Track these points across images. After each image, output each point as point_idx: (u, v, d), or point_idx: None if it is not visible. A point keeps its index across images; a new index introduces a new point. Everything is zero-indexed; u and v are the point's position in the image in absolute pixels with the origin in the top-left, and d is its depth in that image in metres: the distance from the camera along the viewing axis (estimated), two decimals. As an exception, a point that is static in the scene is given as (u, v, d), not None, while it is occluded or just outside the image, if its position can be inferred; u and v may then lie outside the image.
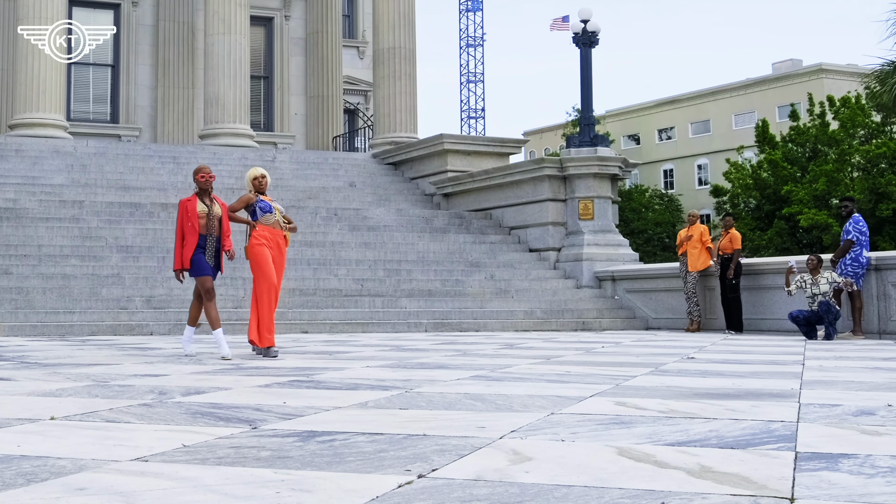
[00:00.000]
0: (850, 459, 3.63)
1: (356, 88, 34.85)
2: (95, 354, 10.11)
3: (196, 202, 9.91)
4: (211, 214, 9.87)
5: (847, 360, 9.44)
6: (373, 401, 5.65)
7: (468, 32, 66.61)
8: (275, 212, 10.14)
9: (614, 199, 21.16)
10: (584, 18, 20.75)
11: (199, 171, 10.02)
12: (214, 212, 9.92)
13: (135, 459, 3.64)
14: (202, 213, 9.84)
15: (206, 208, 9.86)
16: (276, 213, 10.13)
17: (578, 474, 3.33)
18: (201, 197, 9.95)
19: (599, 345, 12.31)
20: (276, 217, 10.12)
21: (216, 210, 9.97)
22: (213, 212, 9.90)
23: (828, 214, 39.88)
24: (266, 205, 10.12)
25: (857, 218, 14.62)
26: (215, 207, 9.97)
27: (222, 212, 10.03)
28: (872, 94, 31.08)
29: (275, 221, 10.09)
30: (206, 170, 10.06)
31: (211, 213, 9.87)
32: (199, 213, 9.82)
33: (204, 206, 9.88)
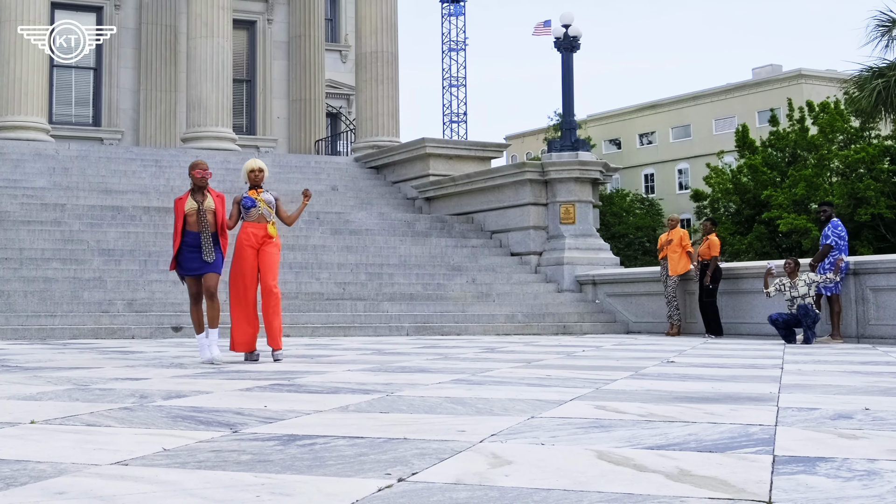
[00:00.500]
0: (827, 463, 3.66)
1: (339, 92, 34.84)
2: (76, 358, 10.07)
3: (186, 200, 9.56)
4: (202, 210, 9.46)
5: (825, 363, 9.50)
6: (354, 404, 5.66)
7: (451, 37, 66.72)
8: (259, 205, 9.85)
9: (595, 203, 21.22)
10: (565, 23, 20.81)
11: (196, 167, 9.65)
12: (207, 206, 9.52)
13: (115, 463, 3.64)
14: (191, 210, 9.46)
15: (195, 205, 9.47)
16: (261, 206, 9.84)
17: (558, 478, 3.34)
18: (193, 194, 9.58)
19: (580, 349, 12.35)
20: (261, 210, 9.84)
21: (209, 204, 9.55)
22: (205, 206, 9.49)
23: (807, 219, 40.11)
24: (248, 200, 9.85)
25: (835, 222, 14.71)
26: (208, 201, 9.56)
27: (216, 205, 9.61)
28: (851, 99, 31.28)
29: (259, 215, 9.84)
30: (203, 166, 9.68)
31: (202, 209, 9.47)
32: (188, 210, 9.46)
33: (194, 202, 9.49)
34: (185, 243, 9.42)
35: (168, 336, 15.20)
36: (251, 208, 9.85)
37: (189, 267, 9.52)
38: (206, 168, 9.65)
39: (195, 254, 9.45)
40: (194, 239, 9.43)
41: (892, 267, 14.33)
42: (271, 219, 9.96)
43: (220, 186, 22.51)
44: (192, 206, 9.46)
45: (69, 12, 29.29)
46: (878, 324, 14.31)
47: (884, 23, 25.92)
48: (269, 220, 9.91)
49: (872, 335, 14.29)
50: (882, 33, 25.92)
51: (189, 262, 9.48)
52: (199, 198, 9.52)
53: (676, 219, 18.20)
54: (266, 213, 9.87)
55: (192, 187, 9.63)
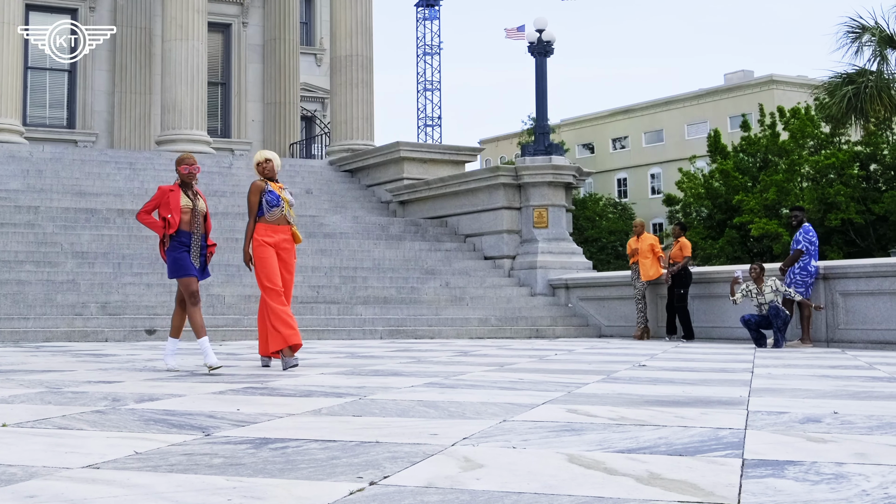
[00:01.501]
0: (795, 466, 3.69)
1: (313, 95, 34.79)
2: (49, 361, 10.01)
3: (179, 194, 8.71)
4: (196, 210, 8.69)
5: (795, 367, 9.58)
6: (326, 408, 5.66)
7: (425, 41, 66.72)
8: (282, 204, 9.01)
9: (568, 207, 21.30)
10: (539, 28, 20.89)
11: (183, 162, 8.80)
12: (199, 207, 8.75)
13: (86, 467, 3.63)
14: (186, 207, 8.65)
15: (190, 202, 8.69)
16: (284, 206, 9.02)
17: (529, 481, 3.37)
18: (184, 190, 8.76)
19: (552, 352, 12.39)
20: (284, 210, 9.01)
21: (201, 206, 8.79)
22: (197, 207, 8.72)
23: (778, 224, 40.42)
24: (274, 196, 8.98)
25: (806, 227, 14.83)
26: (200, 203, 8.79)
27: (206, 208, 8.87)
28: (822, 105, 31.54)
29: (281, 216, 9.01)
30: (190, 160, 8.84)
31: (196, 209, 8.69)
32: (183, 207, 8.64)
33: (188, 199, 8.70)
34: (180, 243, 8.64)
35: (142, 339, 15.13)
36: (275, 207, 8.99)
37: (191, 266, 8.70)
38: (193, 163, 8.85)
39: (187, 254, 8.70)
40: (187, 239, 8.67)
41: (861, 272, 14.47)
42: (293, 221, 9.16)
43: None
44: (187, 203, 8.70)
45: (43, 14, 29.12)
46: (847, 328, 14.43)
47: (854, 29, 26.14)
48: (291, 221, 9.12)
49: (842, 339, 14.42)
50: (852, 40, 26.14)
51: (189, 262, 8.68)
52: (190, 195, 8.77)
53: (642, 223, 18.41)
54: (288, 215, 9.07)
55: (180, 183, 8.84)
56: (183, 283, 8.69)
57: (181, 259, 8.62)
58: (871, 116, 27.25)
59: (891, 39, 26.07)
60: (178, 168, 8.82)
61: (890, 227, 41.21)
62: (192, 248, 8.67)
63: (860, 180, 41.81)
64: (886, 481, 3.38)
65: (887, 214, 40.54)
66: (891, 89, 25.82)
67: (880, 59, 26.06)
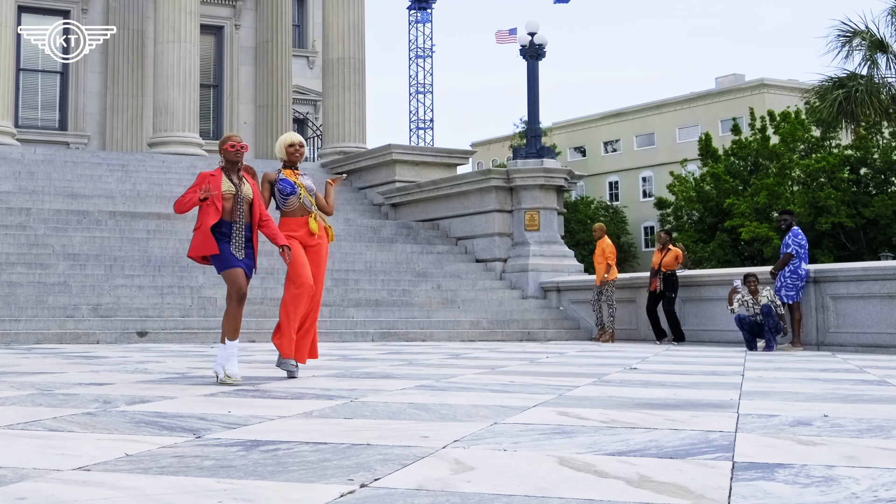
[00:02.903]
0: (785, 469, 3.70)
1: (306, 98, 34.77)
2: (40, 363, 9.99)
3: (221, 178, 7.65)
4: (239, 196, 7.61)
5: (786, 370, 9.60)
6: (317, 410, 5.66)
7: (417, 44, 66.80)
8: (299, 191, 8.12)
9: (560, 210, 21.33)
10: (531, 31, 20.92)
11: (228, 140, 7.83)
12: (244, 193, 7.67)
13: (77, 469, 3.63)
14: (228, 193, 7.59)
15: (232, 188, 7.61)
16: (301, 193, 8.14)
17: (519, 484, 3.37)
18: (228, 173, 7.73)
19: (544, 355, 12.40)
20: (301, 198, 8.13)
21: (246, 191, 7.71)
22: (241, 192, 7.64)
23: (768, 227, 40.51)
24: (287, 184, 8.09)
25: (796, 231, 14.87)
26: (245, 187, 7.71)
27: (254, 194, 7.77)
28: (812, 109, 31.61)
29: (299, 206, 8.13)
30: (237, 137, 7.88)
31: (239, 195, 7.61)
32: (224, 193, 7.58)
33: (230, 184, 7.62)
34: (221, 234, 7.55)
35: (133, 341, 15.11)
36: (290, 195, 8.13)
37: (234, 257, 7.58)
38: (240, 141, 7.83)
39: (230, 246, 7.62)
40: (227, 228, 7.59)
41: (851, 275, 14.51)
42: (313, 210, 8.21)
43: (185, 191, 22.45)
44: (229, 188, 7.62)
45: (36, 16, 29.05)
46: (837, 331, 14.47)
47: (845, 33, 26.24)
48: (311, 210, 8.18)
49: (832, 343, 14.46)
50: (843, 44, 26.24)
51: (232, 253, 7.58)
52: (234, 179, 7.71)
53: (601, 228, 18.61)
54: (307, 204, 8.15)
55: (224, 165, 7.79)
56: (226, 278, 7.65)
57: (223, 251, 7.56)
58: (862, 120, 27.36)
59: (881, 44, 26.17)
60: (223, 147, 7.80)
61: (880, 230, 41.35)
62: (234, 240, 7.58)
63: (850, 184, 41.94)
64: (876, 484, 3.40)
65: (877, 218, 40.67)
66: (881, 93, 25.92)
67: (870, 63, 26.15)
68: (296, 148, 8.27)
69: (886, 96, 26.17)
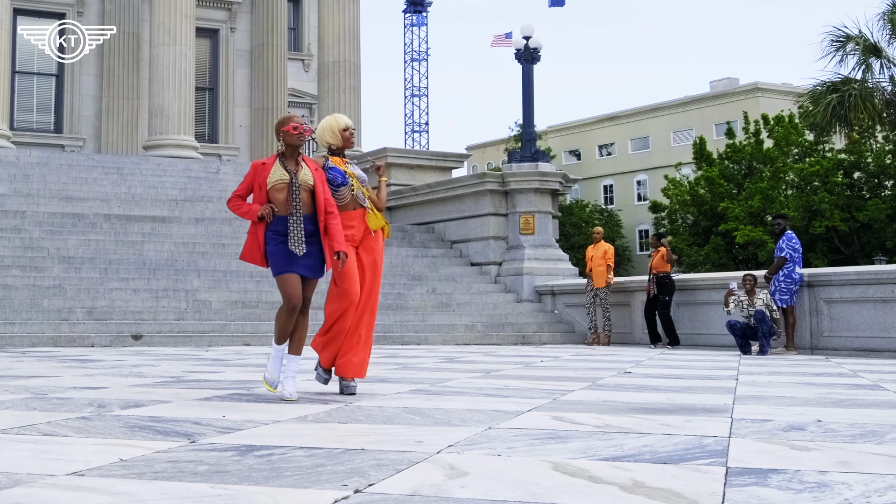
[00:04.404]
0: (779, 475, 3.70)
1: (301, 101, 34.76)
2: (35, 366, 9.97)
3: (273, 166, 6.62)
4: (295, 183, 6.54)
5: (779, 375, 9.61)
6: (312, 414, 5.66)
7: (413, 47, 66.77)
8: (350, 182, 7.01)
9: (555, 213, 21.35)
10: (526, 35, 20.95)
11: (289, 121, 6.74)
12: (302, 178, 6.60)
13: (71, 474, 3.62)
14: (280, 182, 6.55)
15: (286, 175, 6.55)
16: (354, 185, 7.02)
17: (513, 489, 3.37)
18: (285, 160, 6.66)
19: (538, 359, 12.40)
20: (353, 189, 7.02)
21: (305, 176, 6.62)
22: (298, 179, 6.57)
23: (763, 231, 40.56)
24: (338, 174, 6.96)
25: (790, 235, 14.89)
26: (304, 172, 6.63)
27: (315, 179, 6.65)
28: (806, 113, 31.70)
29: (351, 198, 7.01)
30: (299, 119, 6.79)
31: (295, 182, 6.55)
32: (276, 182, 6.55)
33: (284, 172, 6.57)
34: (275, 232, 6.59)
35: (128, 344, 15.09)
36: (341, 187, 6.99)
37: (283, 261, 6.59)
38: (301, 122, 6.78)
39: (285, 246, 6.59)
40: (282, 224, 6.58)
41: (845, 279, 14.54)
42: (367, 203, 7.12)
43: (182, 195, 22.47)
44: (281, 176, 6.57)
45: (32, 18, 29.04)
46: (831, 335, 14.50)
47: (838, 38, 26.32)
48: (365, 204, 7.10)
49: (826, 347, 14.48)
50: (836, 49, 26.33)
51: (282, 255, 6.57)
52: (291, 166, 6.65)
53: (601, 232, 18.65)
54: (360, 196, 7.06)
55: (283, 150, 6.73)
56: (277, 284, 6.68)
57: (273, 253, 6.59)
58: (855, 125, 27.44)
59: (875, 48, 26.25)
60: (283, 129, 6.70)
61: (874, 234, 41.41)
62: (292, 236, 6.53)
63: (844, 188, 42.01)
64: (869, 490, 3.40)
65: (871, 222, 40.73)
66: (874, 98, 26.00)
67: (864, 67, 26.23)
68: (350, 132, 7.25)
69: (880, 101, 26.26)
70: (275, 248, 6.57)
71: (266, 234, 6.60)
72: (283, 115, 6.81)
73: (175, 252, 18.96)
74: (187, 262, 18.58)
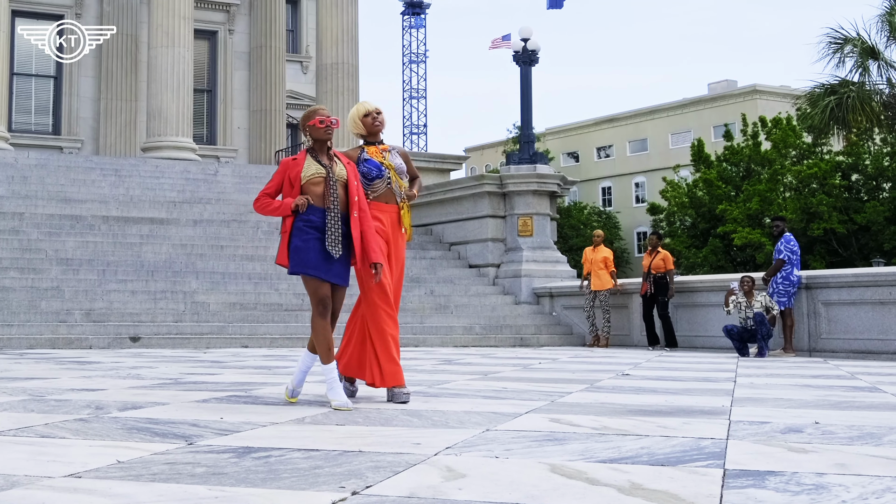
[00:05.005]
0: (776, 477, 3.70)
1: (299, 103, 34.76)
2: (33, 368, 9.97)
3: (304, 162, 6.21)
4: (331, 178, 6.14)
5: (777, 377, 9.61)
6: (310, 416, 5.66)
7: (411, 49, 66.81)
8: (386, 174, 6.64)
9: (553, 216, 21.35)
10: (524, 37, 20.96)
11: (315, 114, 6.35)
12: (337, 173, 6.21)
13: (68, 476, 3.62)
14: (317, 176, 6.14)
15: (321, 170, 6.16)
16: (392, 178, 6.67)
17: (511, 491, 3.37)
18: (316, 154, 6.26)
19: (536, 361, 12.40)
20: (390, 181, 6.65)
21: (339, 171, 6.24)
22: (334, 173, 6.18)
23: (761, 233, 40.59)
24: (373, 166, 6.59)
25: (788, 237, 14.90)
26: (338, 167, 6.24)
27: (348, 173, 6.28)
28: (804, 115, 31.72)
29: (386, 190, 6.63)
30: (325, 111, 6.41)
31: (331, 176, 6.15)
32: (312, 176, 6.15)
33: (318, 166, 6.18)
34: (308, 223, 6.08)
35: (126, 346, 15.09)
36: (376, 179, 6.62)
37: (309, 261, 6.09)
38: (329, 115, 6.37)
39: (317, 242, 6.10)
40: (320, 218, 6.10)
41: (843, 281, 14.54)
42: (403, 196, 6.74)
43: (180, 197, 22.45)
44: (316, 170, 6.17)
45: (30, 20, 29.03)
46: (829, 338, 14.50)
47: (836, 41, 26.35)
48: (401, 197, 6.73)
49: (824, 349, 14.48)
50: (834, 51, 26.36)
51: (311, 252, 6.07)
52: (323, 160, 6.25)
53: (601, 235, 18.67)
54: (396, 189, 6.67)
55: (311, 145, 6.36)
56: (306, 284, 6.21)
57: (303, 249, 6.05)
58: (853, 127, 27.48)
59: (872, 51, 26.28)
60: (309, 123, 6.32)
61: (872, 236, 41.45)
62: (329, 232, 6.06)
63: (842, 190, 42.06)
64: (866, 492, 3.40)
65: (869, 224, 40.77)
66: (872, 100, 26.03)
67: (862, 70, 26.27)
68: (373, 117, 6.75)
69: (878, 103, 26.28)
70: (304, 243, 6.02)
71: (295, 224, 6.07)
72: (308, 109, 6.44)
73: (173, 254, 18.96)
74: (185, 263, 18.58)
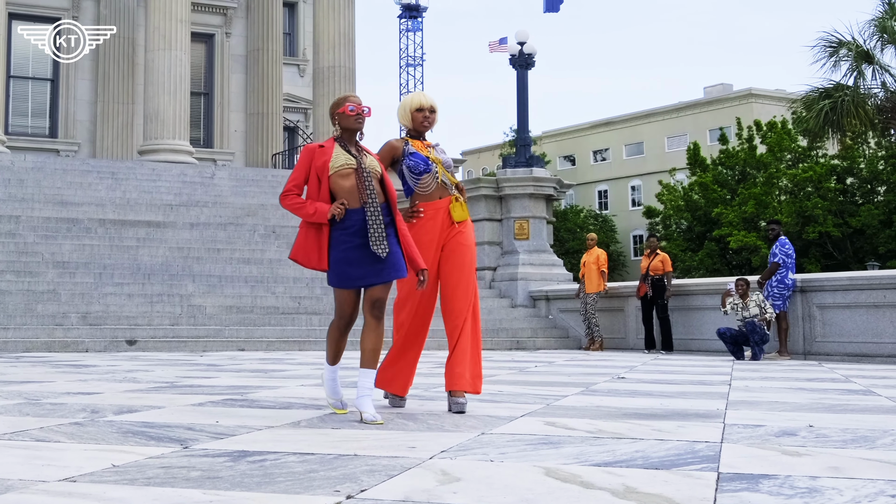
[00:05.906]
0: (770, 480, 3.70)
1: (296, 106, 34.78)
2: (28, 371, 9.96)
3: (332, 150, 5.55)
4: (365, 170, 5.50)
5: (772, 380, 9.62)
6: (306, 420, 5.66)
7: (408, 52, 66.79)
8: (434, 168, 6.14)
9: (549, 219, 21.36)
10: (520, 41, 20.97)
11: (346, 101, 5.67)
12: (369, 165, 5.57)
13: (63, 480, 3.62)
14: (345, 167, 5.49)
15: (351, 160, 5.50)
16: (439, 171, 6.15)
17: (505, 495, 3.38)
18: (345, 144, 5.60)
19: (532, 364, 12.41)
20: (439, 176, 6.15)
21: (371, 163, 5.61)
22: (365, 165, 5.54)
23: (756, 236, 40.64)
24: (419, 160, 6.11)
25: (783, 240, 14.93)
26: (368, 159, 5.60)
27: (383, 169, 5.72)
28: (799, 119, 31.75)
29: (437, 186, 6.14)
30: (356, 98, 5.72)
31: (364, 168, 5.51)
32: (341, 168, 5.49)
33: (348, 156, 5.52)
34: (345, 231, 5.46)
35: (122, 350, 15.08)
36: (423, 174, 6.14)
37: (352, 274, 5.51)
38: (359, 101, 5.69)
39: (360, 250, 5.46)
40: (357, 220, 5.46)
41: (838, 285, 14.57)
42: (454, 191, 6.21)
43: (177, 200, 22.45)
44: (346, 160, 5.51)
45: (27, 23, 29.03)
46: (824, 341, 14.52)
47: (831, 44, 26.40)
48: (452, 192, 6.20)
49: (819, 352, 14.50)
50: (829, 54, 26.40)
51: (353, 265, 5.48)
52: (353, 151, 5.60)
53: (594, 238, 18.70)
54: (448, 183, 6.18)
55: (339, 134, 5.67)
56: (335, 296, 5.77)
57: (343, 261, 5.48)
58: (848, 130, 27.51)
59: (867, 55, 26.32)
60: (338, 112, 5.64)
61: (866, 240, 41.50)
62: (372, 233, 5.41)
63: (837, 193, 42.11)
64: (859, 495, 3.41)
65: (864, 227, 40.82)
66: (867, 104, 26.07)
67: (857, 73, 26.31)
68: (425, 114, 6.25)
69: (872, 107, 26.33)
70: (344, 254, 5.46)
71: (332, 234, 5.47)
72: (338, 96, 5.86)
73: (169, 257, 18.96)
74: (182, 267, 18.58)
